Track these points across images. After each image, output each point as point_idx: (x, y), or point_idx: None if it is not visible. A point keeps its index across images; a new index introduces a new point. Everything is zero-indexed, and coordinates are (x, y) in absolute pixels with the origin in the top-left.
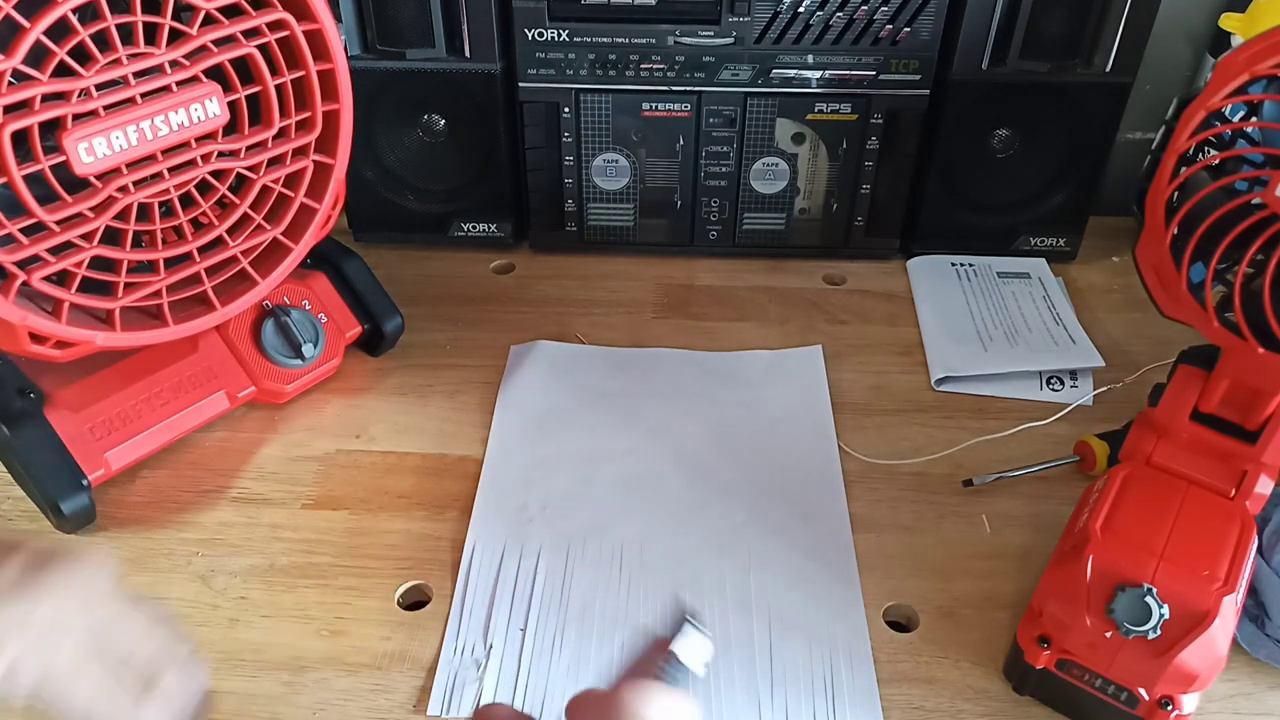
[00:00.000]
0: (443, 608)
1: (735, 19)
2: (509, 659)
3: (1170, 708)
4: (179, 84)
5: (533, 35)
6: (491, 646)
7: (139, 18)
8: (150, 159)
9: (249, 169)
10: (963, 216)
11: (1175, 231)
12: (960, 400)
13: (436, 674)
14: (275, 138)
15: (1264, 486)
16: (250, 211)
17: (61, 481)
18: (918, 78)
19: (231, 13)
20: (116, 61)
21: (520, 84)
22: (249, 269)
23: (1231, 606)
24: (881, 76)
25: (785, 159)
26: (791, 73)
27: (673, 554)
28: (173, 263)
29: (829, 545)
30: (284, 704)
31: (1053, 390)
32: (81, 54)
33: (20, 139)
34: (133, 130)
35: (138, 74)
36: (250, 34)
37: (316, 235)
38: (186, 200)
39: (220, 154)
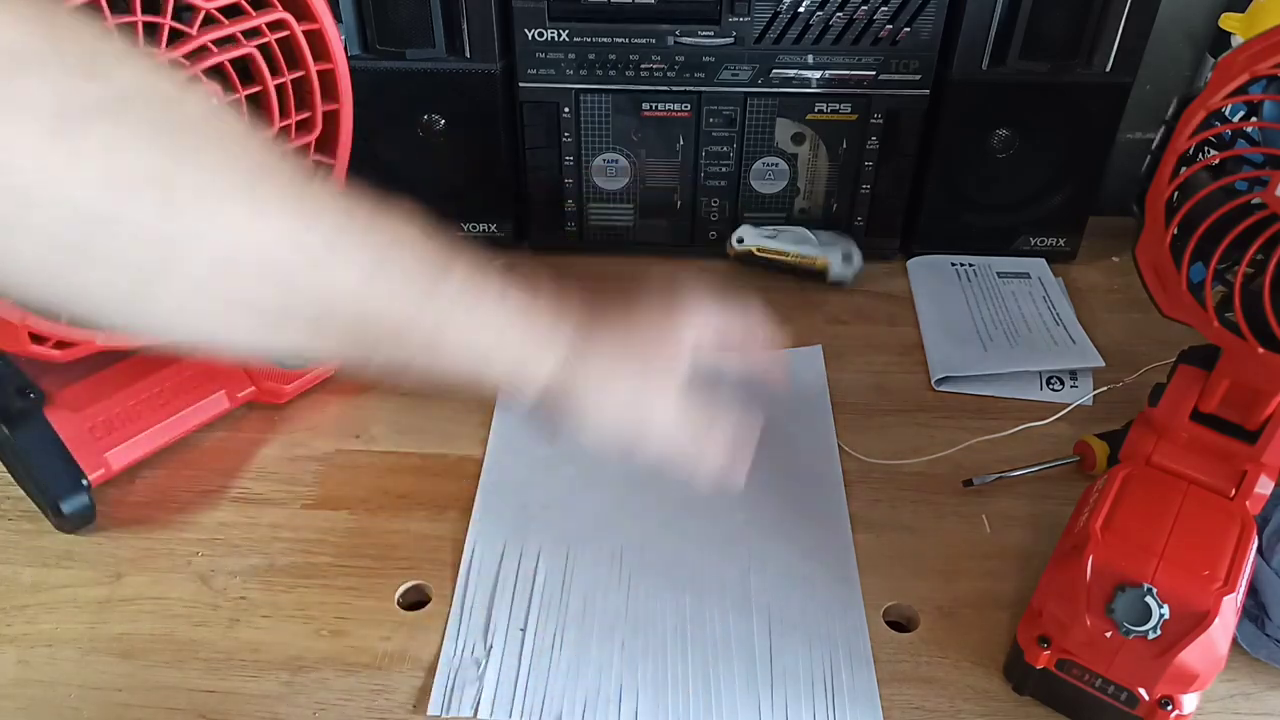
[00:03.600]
0: (443, 608)
1: (735, 19)
2: (509, 659)
3: (1170, 708)
4: None
5: (532, 35)
6: (491, 647)
7: (139, 18)
8: None
9: None
10: (962, 216)
11: (1175, 231)
12: (960, 400)
13: (436, 674)
14: (276, 138)
15: (1264, 486)
16: None
17: (61, 481)
18: (918, 78)
19: (232, 13)
20: None
21: (520, 84)
22: None
23: (1231, 606)
24: (881, 76)
25: (785, 159)
26: (791, 73)
27: (673, 554)
28: None
29: (829, 545)
30: (284, 704)
31: (1053, 390)
32: None
33: None
34: None
35: None
36: (250, 34)
37: None
38: None
39: None
